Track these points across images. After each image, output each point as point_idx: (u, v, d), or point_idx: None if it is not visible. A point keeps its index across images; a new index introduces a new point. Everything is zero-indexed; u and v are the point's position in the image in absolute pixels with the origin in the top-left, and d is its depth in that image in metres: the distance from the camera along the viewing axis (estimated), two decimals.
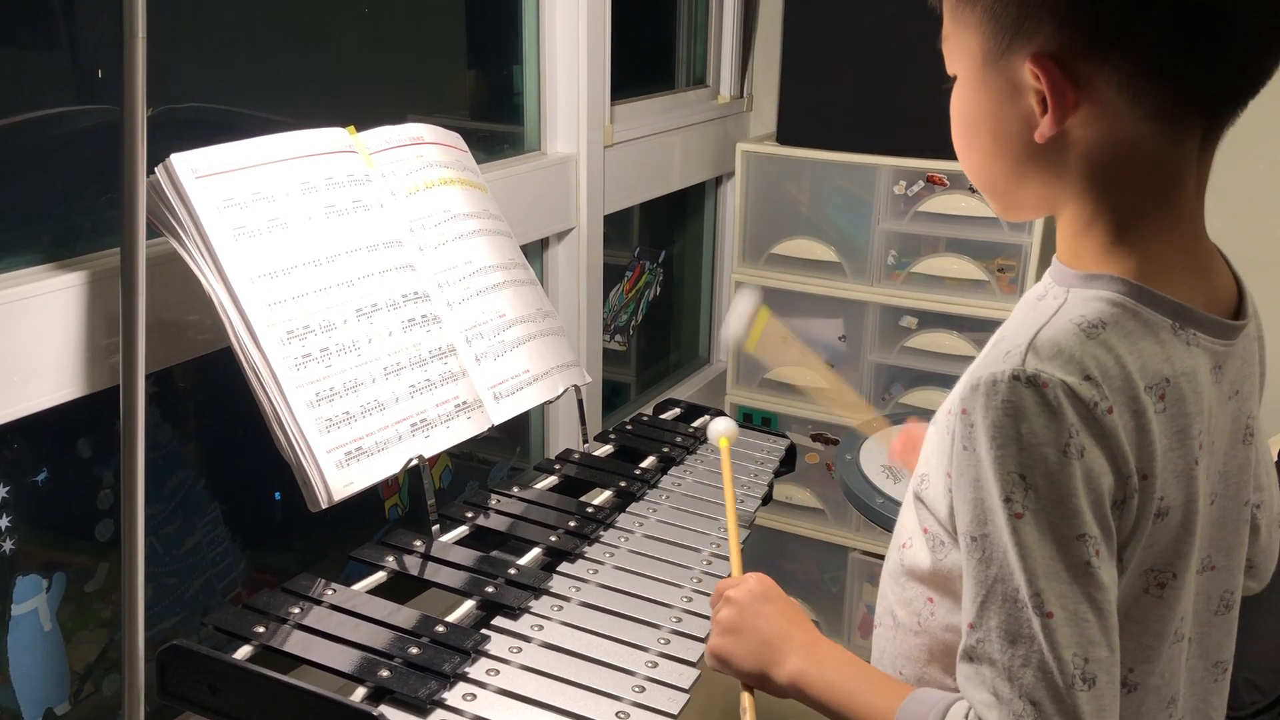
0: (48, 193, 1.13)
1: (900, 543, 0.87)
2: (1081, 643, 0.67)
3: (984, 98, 0.77)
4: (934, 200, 2.13)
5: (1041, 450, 0.68)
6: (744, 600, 0.89)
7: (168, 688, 0.89)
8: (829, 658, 0.84)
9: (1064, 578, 0.68)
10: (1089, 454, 0.68)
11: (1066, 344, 0.70)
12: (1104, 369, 0.70)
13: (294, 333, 1.03)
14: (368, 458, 1.06)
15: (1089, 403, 0.68)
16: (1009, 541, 0.68)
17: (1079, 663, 0.67)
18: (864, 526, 2.33)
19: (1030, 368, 0.68)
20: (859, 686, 0.80)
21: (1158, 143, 0.73)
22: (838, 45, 2.16)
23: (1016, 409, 0.68)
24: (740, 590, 0.90)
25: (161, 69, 0.92)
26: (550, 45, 1.78)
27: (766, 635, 0.86)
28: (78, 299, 1.04)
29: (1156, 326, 0.74)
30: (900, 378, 2.29)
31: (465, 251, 1.25)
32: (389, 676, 0.87)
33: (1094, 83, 0.71)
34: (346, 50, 1.53)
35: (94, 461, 1.18)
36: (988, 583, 0.70)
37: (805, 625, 0.88)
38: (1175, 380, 0.73)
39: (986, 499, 0.70)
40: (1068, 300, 0.75)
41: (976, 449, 0.70)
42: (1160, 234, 0.76)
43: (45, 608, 1.14)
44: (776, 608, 0.88)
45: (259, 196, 1.06)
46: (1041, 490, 0.68)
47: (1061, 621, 0.67)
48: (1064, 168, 0.76)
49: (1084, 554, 0.68)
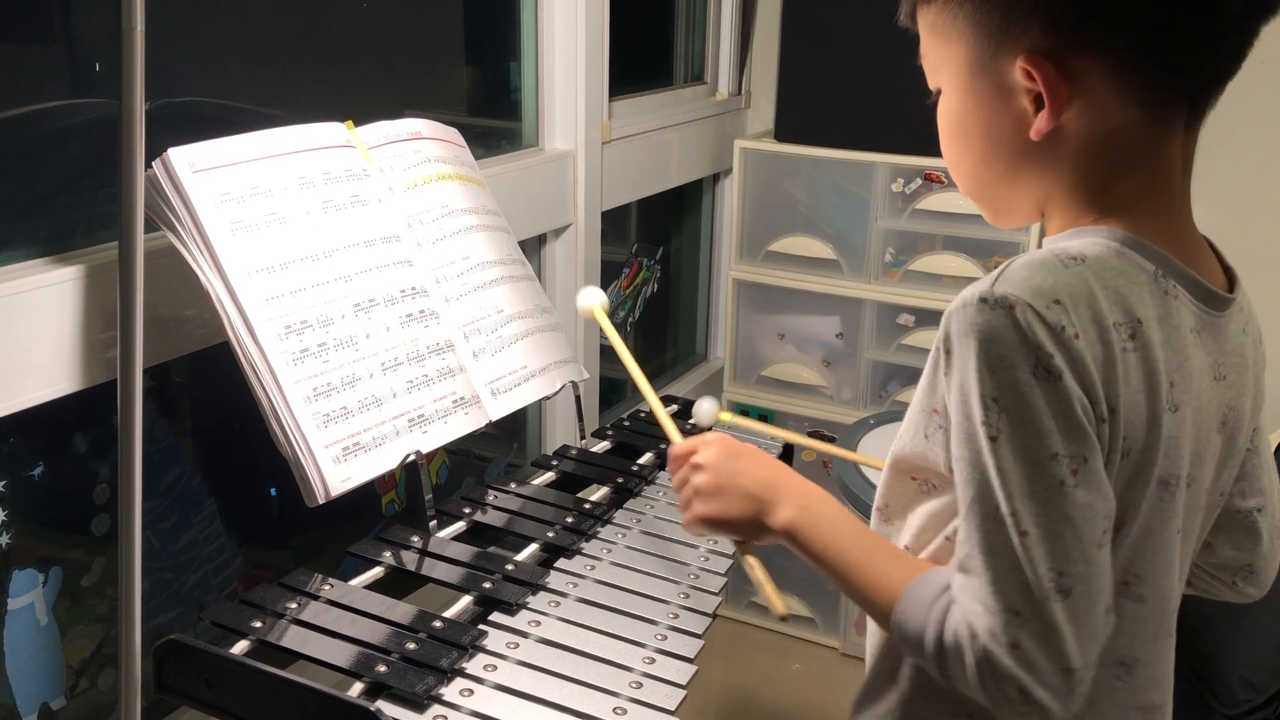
0: (45, 187, 1.13)
1: (880, 505, 0.89)
2: (1056, 558, 0.69)
3: (974, 104, 0.79)
4: (931, 198, 2.14)
5: (1011, 373, 0.69)
6: (716, 462, 0.89)
7: (164, 682, 0.89)
8: (824, 511, 0.84)
9: (1039, 498, 0.69)
10: (1059, 375, 0.69)
11: (1037, 271, 0.72)
12: (1074, 297, 0.71)
13: (291, 328, 1.03)
14: (365, 453, 1.06)
15: (1056, 327, 0.69)
16: (988, 462, 0.70)
17: (1053, 576, 0.69)
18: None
19: (999, 291, 0.70)
20: (860, 553, 0.80)
21: (1146, 129, 0.75)
22: (836, 43, 2.16)
23: (985, 331, 0.70)
24: (707, 453, 0.89)
25: (160, 63, 0.92)
26: (549, 41, 1.78)
27: (751, 486, 0.86)
28: (74, 293, 1.04)
29: (1138, 270, 0.75)
30: (897, 375, 2.29)
31: (463, 247, 1.25)
32: (386, 672, 0.87)
33: (1085, 75, 0.73)
34: (345, 46, 1.52)
35: (90, 456, 1.18)
36: (969, 501, 0.72)
37: (786, 470, 0.88)
38: (1147, 323, 0.74)
39: (965, 421, 0.72)
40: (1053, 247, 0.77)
41: (954, 375, 0.72)
42: (1150, 217, 0.77)
43: (41, 602, 1.14)
44: (749, 460, 0.89)
45: (257, 191, 1.06)
46: (1012, 413, 0.69)
47: (1037, 539, 0.69)
48: (1057, 163, 0.77)
49: (1058, 473, 0.70)
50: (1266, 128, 2.06)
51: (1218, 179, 2.04)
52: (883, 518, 0.88)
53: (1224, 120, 0.82)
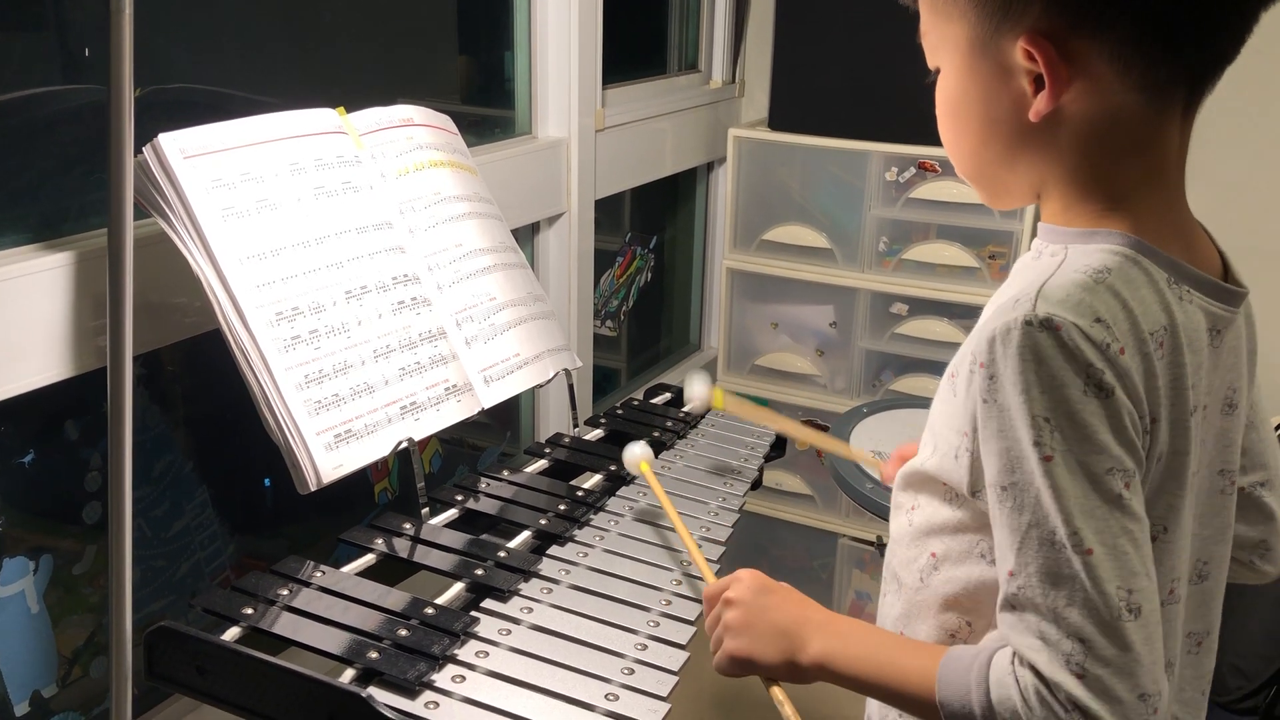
0: (35, 173, 1.13)
1: (907, 507, 0.88)
2: (1123, 574, 0.68)
3: (973, 85, 0.79)
4: (925, 186, 2.13)
5: (1063, 391, 0.69)
6: (746, 598, 0.87)
7: (155, 669, 0.88)
8: (850, 632, 0.83)
9: (1099, 514, 0.68)
10: (1110, 390, 0.69)
11: (1074, 290, 0.71)
12: (1112, 313, 0.71)
13: (283, 314, 1.03)
14: (357, 440, 1.06)
15: (1101, 344, 0.69)
16: (1041, 484, 0.69)
17: (1123, 594, 0.67)
18: (853, 512, 2.33)
19: (1042, 312, 0.70)
20: (889, 655, 0.80)
21: (1145, 112, 0.75)
22: (830, 31, 2.15)
23: (1034, 353, 0.69)
24: (738, 589, 0.88)
25: (151, 50, 0.91)
26: (542, 28, 1.77)
27: (782, 624, 0.85)
28: (64, 280, 1.03)
29: (1155, 277, 0.75)
30: (891, 364, 2.29)
31: (455, 234, 1.24)
32: (378, 658, 0.87)
33: (1086, 56, 0.73)
34: (337, 34, 1.52)
35: (81, 443, 1.18)
36: (1023, 529, 0.70)
37: (814, 605, 0.87)
38: (1173, 329, 0.74)
39: (1013, 447, 0.71)
40: (1068, 254, 0.76)
41: (999, 399, 0.71)
42: (1149, 201, 0.77)
43: (32, 589, 1.13)
44: (780, 596, 0.88)
45: (248, 177, 1.05)
46: (1067, 430, 0.69)
47: (1102, 557, 0.68)
48: (1056, 145, 0.77)
49: (1115, 487, 0.69)
50: (1262, 117, 2.06)
51: (1213, 168, 2.04)
52: (908, 523, 0.88)
53: (1220, 109, 0.82)
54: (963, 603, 0.82)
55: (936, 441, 0.83)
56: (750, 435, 1.42)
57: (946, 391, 0.82)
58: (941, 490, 0.84)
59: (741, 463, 1.34)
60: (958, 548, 0.82)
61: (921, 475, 0.86)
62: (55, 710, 1.18)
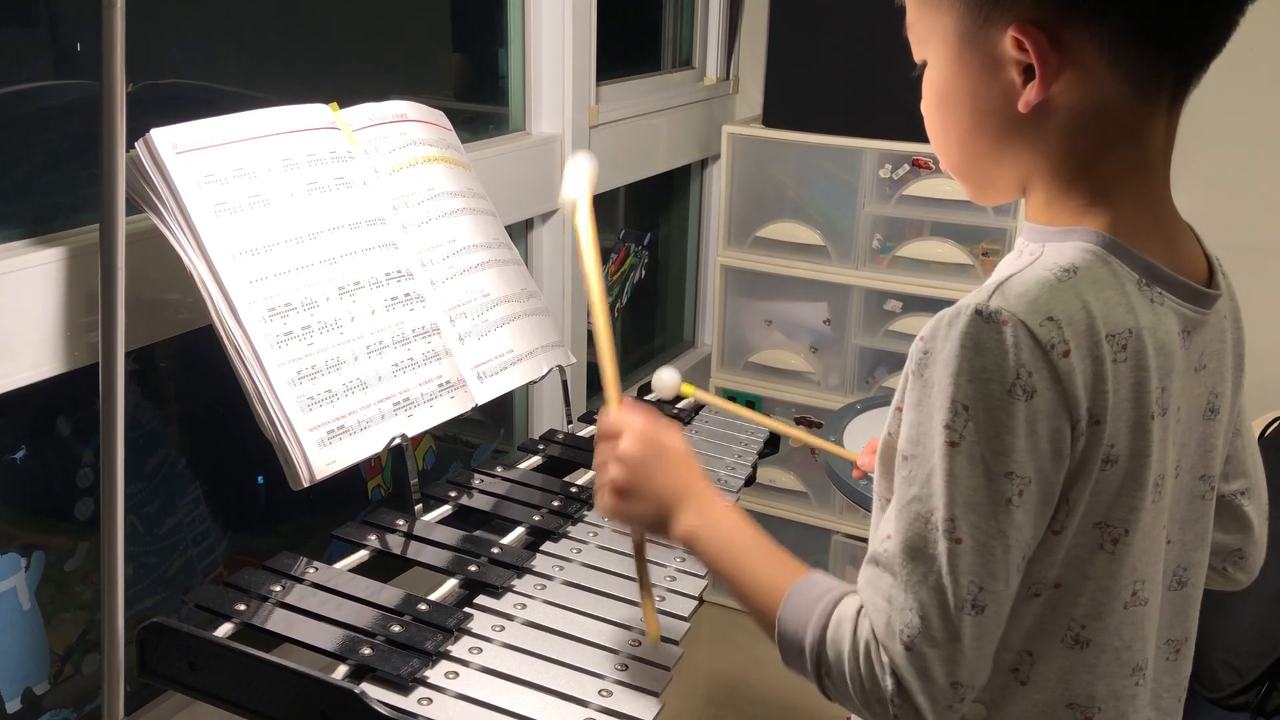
0: (25, 168, 1.12)
1: (885, 495, 0.88)
2: (981, 573, 0.70)
3: (961, 76, 0.78)
4: (919, 184, 2.14)
5: (988, 385, 0.69)
6: (636, 455, 0.87)
7: (148, 665, 0.88)
8: (722, 520, 0.85)
9: (983, 510, 0.70)
10: (1038, 396, 0.70)
11: (1034, 286, 0.72)
12: (1069, 312, 0.71)
13: (275, 310, 1.03)
14: (350, 436, 1.05)
15: (1045, 344, 0.69)
16: (939, 465, 0.70)
17: (973, 589, 0.69)
18: (847, 509, 2.33)
19: (994, 304, 0.70)
20: (749, 556, 0.82)
21: (1132, 105, 0.75)
22: (824, 28, 2.15)
23: (972, 341, 0.70)
24: (630, 444, 0.87)
25: (144, 45, 0.91)
26: (536, 24, 1.77)
27: (659, 489, 0.86)
28: (56, 275, 1.03)
29: (1124, 279, 0.75)
30: (884, 361, 2.30)
31: (449, 230, 1.24)
32: (371, 654, 0.87)
33: (1076, 47, 0.73)
34: (331, 30, 1.51)
35: (73, 440, 1.17)
36: (907, 499, 0.72)
37: (698, 477, 0.88)
38: (1138, 332, 0.74)
39: (925, 422, 0.72)
40: (1044, 252, 0.77)
41: (925, 375, 0.72)
42: (1133, 197, 0.77)
43: (24, 586, 1.13)
44: (669, 459, 0.88)
45: (240, 172, 1.05)
46: (981, 423, 0.69)
47: (968, 549, 0.69)
48: (1043, 137, 0.77)
49: (1008, 491, 0.70)
50: (1252, 115, 2.07)
51: (1203, 165, 2.05)
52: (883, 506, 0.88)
53: (1210, 106, 0.82)
54: None
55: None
56: (744, 432, 1.42)
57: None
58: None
59: (736, 459, 1.34)
60: None
61: (887, 456, 0.85)
62: (47, 707, 1.17)
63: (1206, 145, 1.99)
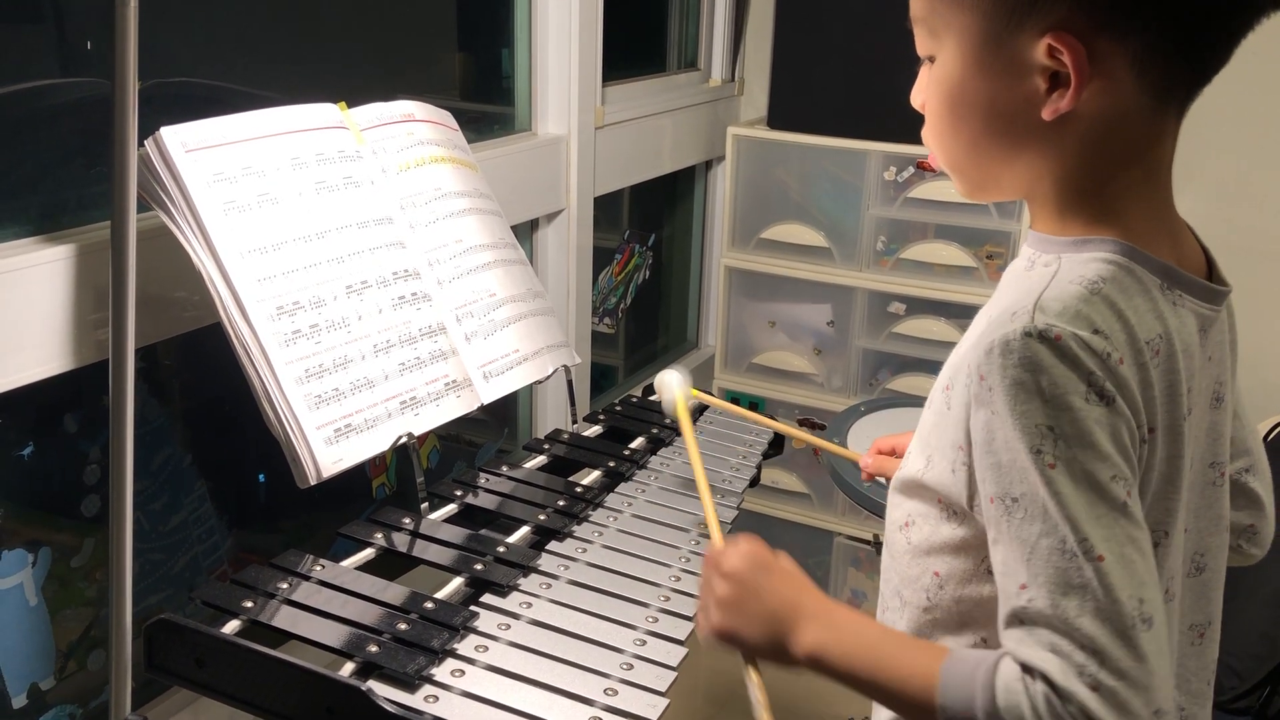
0: (35, 166, 1.13)
1: (900, 524, 0.87)
2: (1134, 583, 0.66)
3: (980, 78, 0.76)
4: (923, 186, 2.14)
5: (1065, 399, 0.68)
6: (742, 573, 0.84)
7: (155, 662, 0.88)
8: (846, 624, 0.79)
9: (1106, 520, 0.67)
10: (1115, 402, 0.69)
11: (1071, 301, 0.71)
12: (1109, 324, 0.71)
13: (284, 309, 1.03)
14: (357, 435, 1.06)
15: (1102, 354, 0.69)
16: (1046, 493, 0.68)
17: (1135, 604, 0.66)
18: (849, 511, 2.33)
19: (1040, 323, 0.69)
20: (888, 652, 0.76)
21: (1150, 116, 0.75)
22: (829, 30, 2.16)
23: (1034, 363, 0.68)
24: (734, 562, 0.85)
25: (152, 44, 0.91)
26: (542, 26, 1.77)
27: (774, 608, 0.81)
28: (65, 272, 1.03)
29: (1148, 285, 0.75)
30: (888, 363, 2.30)
31: (456, 230, 1.24)
32: (377, 652, 0.87)
33: (1109, 57, 0.72)
34: (338, 29, 1.52)
35: (80, 437, 1.18)
36: (1031, 540, 0.69)
37: (810, 590, 0.84)
38: (1168, 336, 0.74)
39: (1015, 458, 0.69)
40: (1061, 264, 0.76)
41: (997, 409, 0.70)
42: (1143, 203, 0.77)
43: (30, 582, 1.13)
44: (778, 576, 0.83)
45: (249, 171, 1.05)
46: (1070, 438, 0.68)
47: (1113, 564, 0.66)
48: (1060, 144, 0.76)
49: (1119, 494, 0.68)
50: (1254, 117, 2.07)
51: (1205, 168, 2.05)
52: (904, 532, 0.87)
53: (1211, 109, 0.83)
54: (977, 619, 0.81)
55: (930, 454, 0.82)
56: (748, 433, 1.42)
57: (940, 403, 0.81)
58: (939, 506, 0.82)
59: (740, 460, 1.35)
60: (962, 566, 0.81)
61: (916, 485, 0.84)
62: (53, 703, 1.18)
63: (1208, 148, 1.99)
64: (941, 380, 0.82)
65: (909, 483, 0.86)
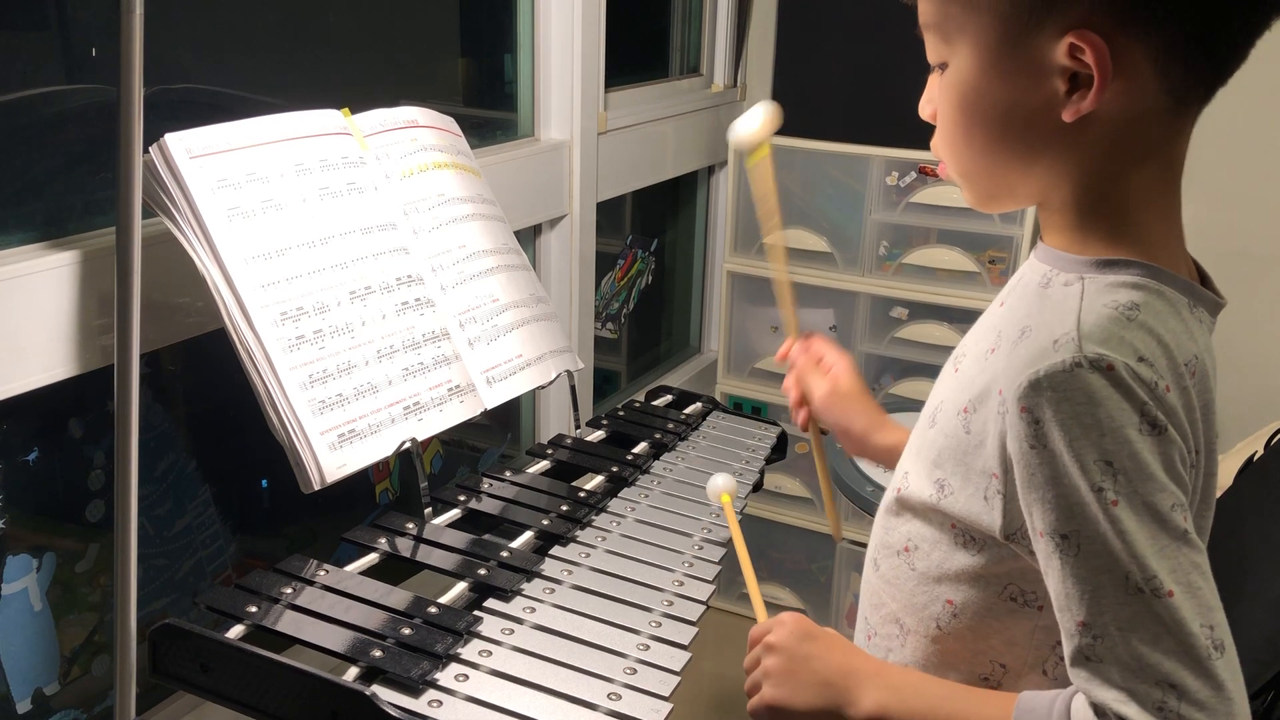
0: (40, 172, 1.13)
1: (897, 548, 0.85)
2: (1202, 611, 0.66)
3: (996, 81, 0.74)
4: (926, 191, 2.14)
5: (1122, 432, 0.67)
6: (789, 644, 0.83)
7: (159, 667, 0.88)
8: (905, 684, 0.79)
9: (1170, 552, 0.66)
10: (1167, 431, 0.68)
11: (1113, 328, 0.70)
12: (1151, 351, 0.69)
13: (288, 314, 1.03)
14: (360, 440, 1.06)
15: (1150, 383, 0.68)
16: (1108, 530, 0.67)
17: (1206, 632, 0.66)
18: (853, 515, 2.33)
19: (1090, 353, 0.68)
20: (957, 707, 0.76)
21: (1168, 117, 0.73)
22: (832, 35, 2.16)
23: (1087, 396, 0.67)
24: (780, 634, 0.84)
25: (157, 50, 0.92)
26: (545, 31, 1.77)
27: (825, 675, 0.81)
28: (69, 279, 1.04)
29: (1178, 306, 0.74)
30: (890, 368, 2.30)
31: (459, 235, 1.25)
32: (381, 656, 0.87)
33: (1131, 56, 0.70)
34: (341, 36, 1.52)
35: (84, 442, 1.18)
36: (1093, 578, 0.68)
37: (860, 654, 0.83)
38: (1200, 356, 0.73)
39: (1071, 494, 0.68)
40: (1085, 286, 0.74)
41: (1049, 445, 0.69)
42: (1160, 212, 0.76)
43: (35, 587, 1.14)
44: (824, 644, 0.83)
45: (253, 177, 1.06)
46: (1130, 472, 0.67)
47: (1182, 598, 0.66)
48: (1079, 147, 0.74)
49: (1180, 523, 0.67)
50: (1256, 120, 2.07)
51: (1207, 172, 2.05)
52: (907, 555, 0.86)
53: (1213, 111, 0.83)
54: (996, 648, 0.80)
55: (944, 478, 0.80)
56: (751, 438, 1.43)
57: (956, 426, 0.78)
58: (951, 533, 0.80)
59: (743, 464, 1.35)
60: (981, 595, 0.80)
61: (921, 509, 0.82)
62: (57, 708, 1.18)
63: (1210, 152, 1.99)
64: (955, 400, 0.79)
65: (910, 505, 0.83)
